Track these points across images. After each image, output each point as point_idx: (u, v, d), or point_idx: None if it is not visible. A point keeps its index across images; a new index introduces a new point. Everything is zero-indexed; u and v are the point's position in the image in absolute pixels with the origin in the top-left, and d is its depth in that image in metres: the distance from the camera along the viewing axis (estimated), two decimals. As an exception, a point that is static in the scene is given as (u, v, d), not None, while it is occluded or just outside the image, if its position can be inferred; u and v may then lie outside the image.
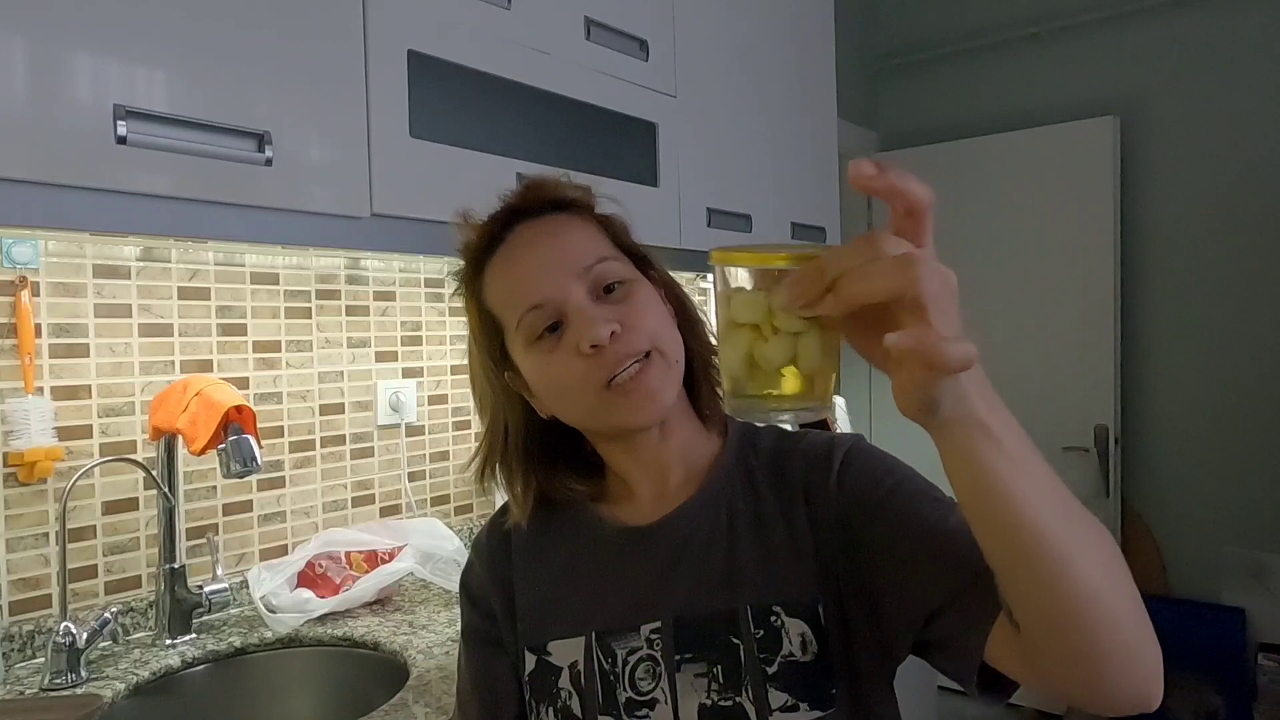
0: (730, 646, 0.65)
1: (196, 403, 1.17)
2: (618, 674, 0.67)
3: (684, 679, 0.66)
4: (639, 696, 0.66)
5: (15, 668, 1.12)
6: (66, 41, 0.87)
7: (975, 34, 3.08)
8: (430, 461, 1.70)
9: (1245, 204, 2.66)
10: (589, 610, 0.70)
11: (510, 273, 0.68)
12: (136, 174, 0.91)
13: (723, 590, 0.67)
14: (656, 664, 0.66)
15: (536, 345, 0.66)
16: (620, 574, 0.70)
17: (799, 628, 0.65)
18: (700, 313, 0.75)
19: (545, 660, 0.71)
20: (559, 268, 0.66)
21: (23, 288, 1.15)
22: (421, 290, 1.68)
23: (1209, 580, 2.73)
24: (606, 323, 0.63)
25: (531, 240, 0.69)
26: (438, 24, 1.22)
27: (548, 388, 0.67)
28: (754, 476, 0.72)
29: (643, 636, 0.67)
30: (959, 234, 3.05)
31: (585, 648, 0.69)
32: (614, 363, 0.64)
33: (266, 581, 1.30)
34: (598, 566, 0.72)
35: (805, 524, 0.68)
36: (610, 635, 0.69)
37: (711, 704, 0.65)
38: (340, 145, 1.11)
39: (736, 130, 1.85)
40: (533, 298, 0.66)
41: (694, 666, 0.66)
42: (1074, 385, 2.84)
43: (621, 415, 0.65)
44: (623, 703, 0.67)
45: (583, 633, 0.70)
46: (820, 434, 0.74)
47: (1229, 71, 2.66)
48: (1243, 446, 2.68)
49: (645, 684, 0.66)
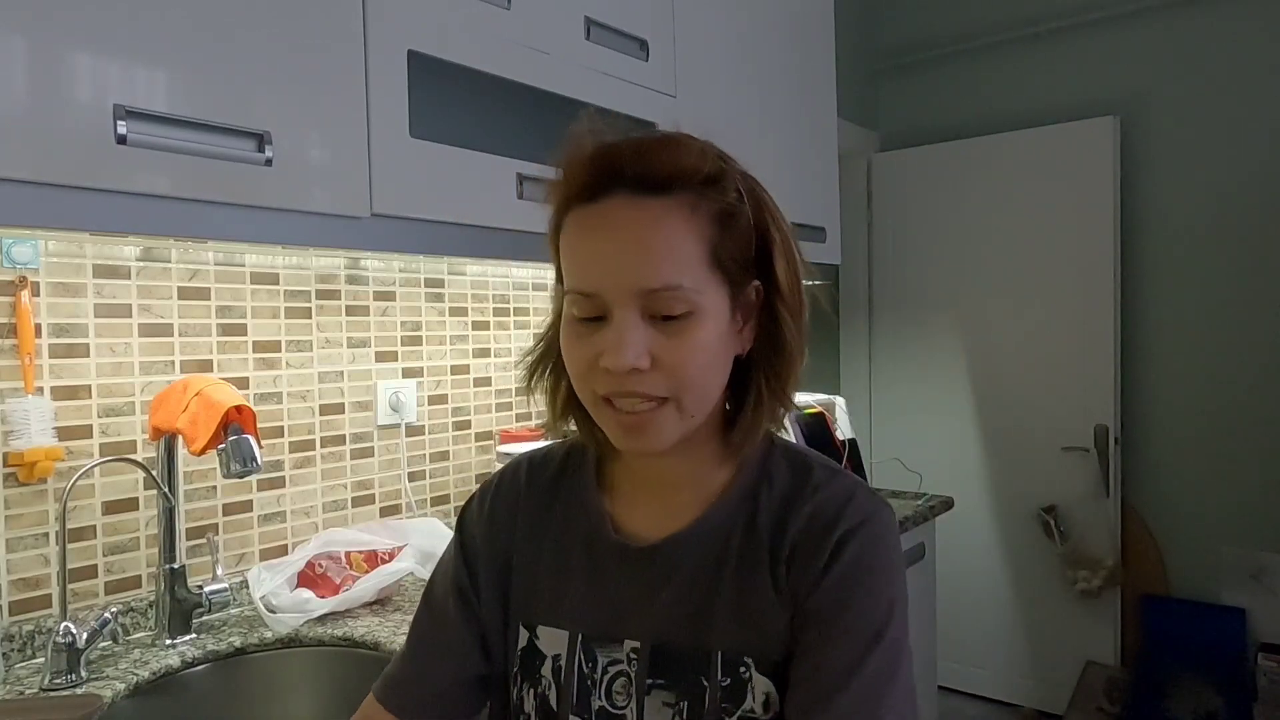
0: (700, 686, 0.64)
1: (196, 403, 1.17)
2: (596, 680, 0.67)
3: (652, 704, 0.65)
4: (613, 709, 0.66)
5: (15, 668, 1.12)
6: (66, 41, 0.87)
7: (975, 34, 3.08)
8: (430, 461, 1.70)
9: (1245, 204, 2.66)
10: (578, 609, 0.70)
11: (583, 243, 0.62)
12: (136, 174, 0.91)
13: (698, 628, 0.65)
14: (630, 683, 0.66)
15: (573, 322, 0.63)
16: (611, 583, 0.69)
17: (765, 686, 0.63)
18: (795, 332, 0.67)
19: (534, 642, 0.71)
20: (627, 274, 0.60)
21: (23, 288, 1.15)
22: (421, 290, 1.68)
23: (1209, 580, 2.73)
24: (638, 355, 0.59)
25: (618, 225, 0.61)
26: (438, 24, 1.22)
27: (566, 360, 0.65)
28: (758, 518, 0.67)
29: (624, 651, 0.67)
30: (959, 234, 3.06)
31: (570, 644, 0.69)
32: (621, 392, 0.61)
33: (266, 581, 1.30)
34: (586, 568, 0.70)
35: (787, 582, 0.65)
36: (595, 641, 0.68)
37: None
38: (340, 145, 1.10)
39: (736, 130, 1.85)
40: (588, 285, 0.61)
41: (663, 694, 0.65)
42: (1074, 385, 2.84)
43: (610, 430, 0.64)
44: (595, 710, 0.67)
45: (569, 629, 0.69)
46: (838, 489, 0.67)
47: (1229, 71, 2.66)
48: (1243, 446, 2.67)
49: (620, 699, 0.66)
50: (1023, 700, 2.96)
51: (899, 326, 3.21)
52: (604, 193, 0.62)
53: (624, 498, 0.72)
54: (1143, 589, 2.82)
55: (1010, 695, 2.99)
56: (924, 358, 3.14)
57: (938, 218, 3.10)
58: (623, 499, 0.72)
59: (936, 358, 3.11)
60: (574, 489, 0.74)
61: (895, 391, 3.21)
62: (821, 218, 2.14)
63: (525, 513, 0.75)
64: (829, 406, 2.16)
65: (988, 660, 3.03)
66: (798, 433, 1.99)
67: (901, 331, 3.20)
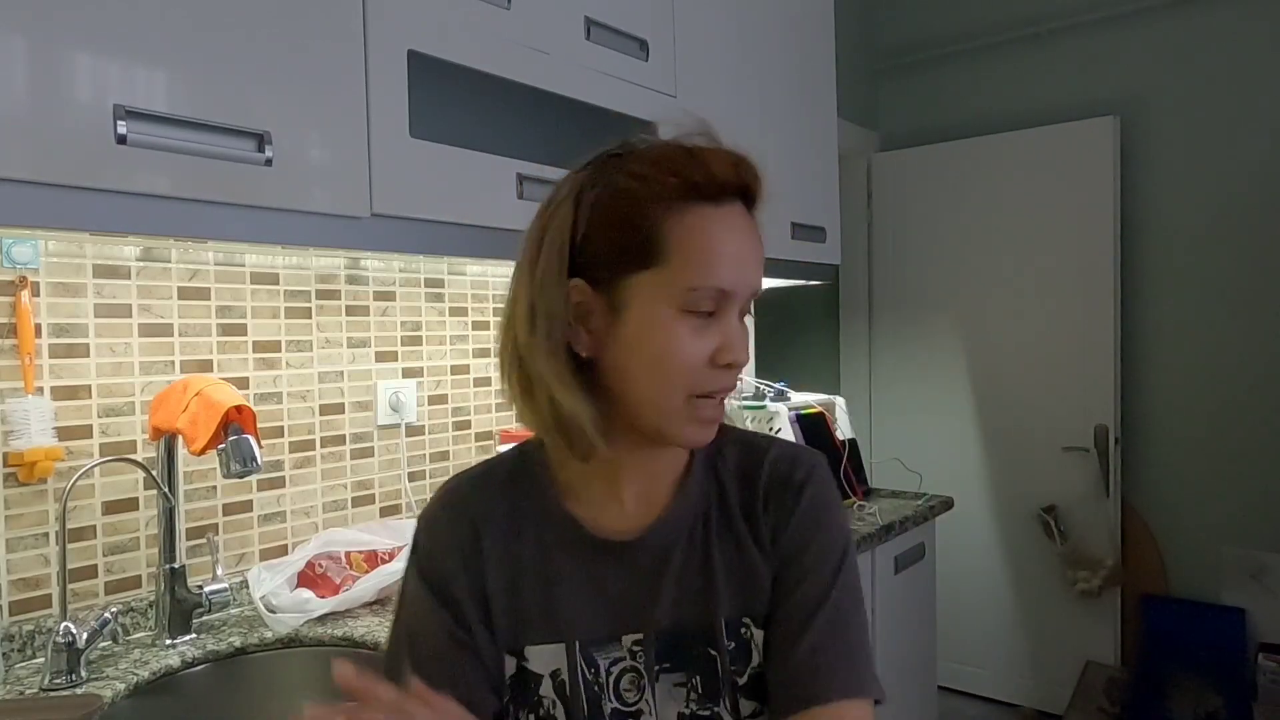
0: (709, 658, 0.67)
1: (196, 403, 1.17)
2: (602, 684, 0.67)
3: (663, 688, 0.67)
4: (625, 707, 0.67)
5: (15, 668, 1.12)
6: (66, 41, 0.87)
7: (975, 34, 3.08)
8: (430, 461, 1.70)
9: (1245, 204, 2.66)
10: (569, 618, 0.68)
11: (720, 243, 0.64)
12: (136, 174, 0.91)
13: (701, 604, 0.68)
14: (640, 675, 0.67)
15: (685, 315, 0.64)
16: (601, 584, 0.69)
17: (761, 638, 0.68)
18: None
19: (524, 666, 0.68)
20: (751, 276, 0.67)
21: (23, 288, 1.15)
22: (421, 290, 1.68)
23: (1209, 580, 2.73)
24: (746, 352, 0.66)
25: (743, 231, 0.67)
26: (438, 24, 1.22)
27: (655, 353, 0.64)
28: (724, 487, 0.73)
29: (625, 647, 0.68)
30: (959, 234, 3.06)
31: (567, 656, 0.68)
32: (718, 389, 0.66)
33: (266, 581, 1.30)
34: (576, 574, 0.69)
35: (767, 535, 0.70)
36: (593, 645, 0.68)
37: (691, 713, 0.67)
38: (340, 145, 1.10)
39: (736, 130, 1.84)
40: (723, 282, 0.64)
41: (673, 676, 0.67)
42: (1074, 385, 2.84)
43: (679, 429, 0.66)
44: (609, 713, 0.67)
45: (563, 640, 0.68)
46: (785, 448, 0.75)
47: (1229, 71, 2.66)
48: (1242, 446, 2.68)
49: (630, 695, 0.67)
50: (1023, 700, 2.96)
51: (899, 326, 3.21)
52: (728, 199, 0.66)
53: (585, 499, 0.72)
54: (1143, 589, 2.82)
55: (1010, 695, 2.99)
56: (924, 358, 3.14)
57: (938, 218, 3.10)
58: (584, 500, 0.72)
59: (936, 358, 3.11)
60: (534, 499, 0.72)
61: (895, 391, 3.21)
62: (821, 218, 2.14)
63: (489, 536, 0.71)
64: (829, 406, 2.16)
65: (988, 660, 3.03)
66: (797, 433, 1.99)
67: (901, 331, 3.20)
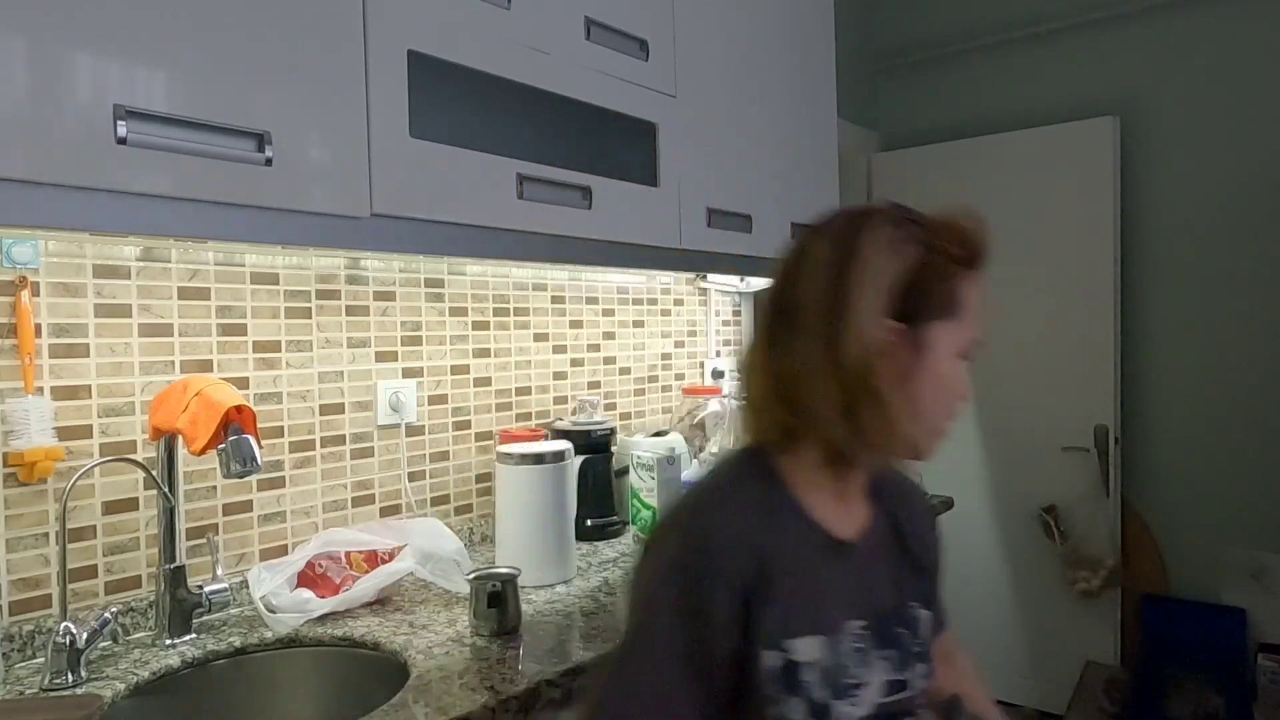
0: (901, 636, 0.84)
1: (196, 403, 1.17)
2: (841, 665, 0.79)
3: (878, 665, 0.82)
4: (854, 681, 0.80)
5: (15, 668, 1.12)
6: (66, 41, 0.87)
7: (975, 34, 3.08)
8: (430, 461, 1.70)
9: (1245, 204, 2.66)
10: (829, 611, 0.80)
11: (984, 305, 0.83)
12: (136, 174, 0.92)
13: (895, 591, 0.86)
14: (865, 654, 0.81)
15: (958, 359, 0.82)
16: (833, 578, 0.81)
17: (926, 615, 0.89)
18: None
19: (791, 660, 0.76)
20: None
21: (23, 288, 1.15)
22: (421, 290, 1.68)
23: (1209, 580, 2.73)
24: None
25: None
26: (438, 24, 1.22)
27: (940, 384, 0.81)
28: (891, 502, 0.91)
29: (852, 632, 0.81)
30: (959, 234, 3.05)
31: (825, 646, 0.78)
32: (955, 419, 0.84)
33: (266, 581, 1.30)
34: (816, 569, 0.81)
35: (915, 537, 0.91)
36: (835, 633, 0.80)
37: (893, 680, 0.82)
38: (340, 145, 1.11)
39: (736, 130, 1.85)
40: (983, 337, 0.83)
41: (882, 652, 0.82)
42: (1074, 385, 2.84)
43: (927, 443, 0.84)
44: (847, 688, 0.79)
45: (819, 632, 0.78)
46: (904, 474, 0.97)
47: (1229, 71, 2.66)
48: (1242, 446, 2.67)
49: (860, 671, 0.80)
50: (1023, 700, 2.96)
51: (899, 326, 3.20)
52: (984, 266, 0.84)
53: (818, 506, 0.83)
54: (1143, 589, 2.82)
55: (1010, 695, 2.99)
56: (924, 358, 3.13)
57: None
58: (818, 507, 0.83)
59: (936, 358, 3.10)
60: (781, 503, 0.82)
61: (895, 391, 3.19)
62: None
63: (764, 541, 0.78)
64: (829, 406, 2.16)
65: (988, 660, 3.03)
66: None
67: (901, 331, 3.19)
